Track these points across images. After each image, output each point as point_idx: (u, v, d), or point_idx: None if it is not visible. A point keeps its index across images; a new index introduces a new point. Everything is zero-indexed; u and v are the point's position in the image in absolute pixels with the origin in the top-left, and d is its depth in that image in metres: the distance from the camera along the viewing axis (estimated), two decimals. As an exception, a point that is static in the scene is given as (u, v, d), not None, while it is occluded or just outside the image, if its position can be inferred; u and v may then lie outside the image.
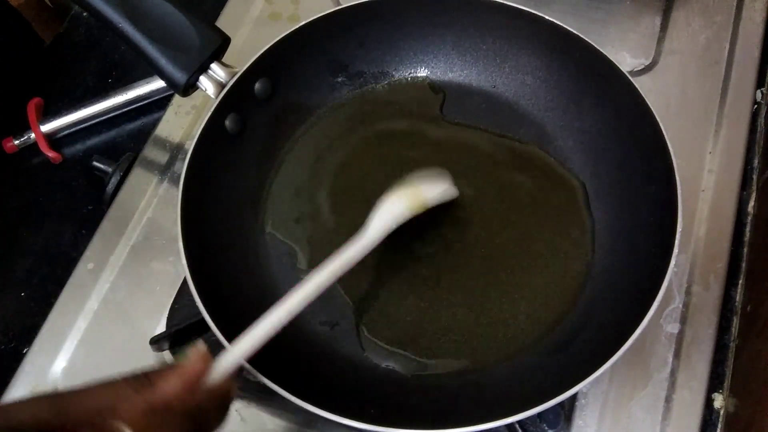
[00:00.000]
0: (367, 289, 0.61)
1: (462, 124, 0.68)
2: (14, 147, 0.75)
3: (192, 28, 0.59)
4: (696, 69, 0.73)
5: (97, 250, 0.66)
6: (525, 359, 0.57)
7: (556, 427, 0.55)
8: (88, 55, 0.82)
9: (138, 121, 0.76)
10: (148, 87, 0.75)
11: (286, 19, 0.80)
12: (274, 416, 0.58)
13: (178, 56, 0.58)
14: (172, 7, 0.58)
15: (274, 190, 0.65)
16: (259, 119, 0.65)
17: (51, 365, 0.61)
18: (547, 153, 0.66)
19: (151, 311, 0.63)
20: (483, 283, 0.60)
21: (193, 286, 0.53)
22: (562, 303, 0.59)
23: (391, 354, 0.58)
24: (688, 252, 0.63)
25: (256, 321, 0.46)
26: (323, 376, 0.57)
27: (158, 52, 0.58)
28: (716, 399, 0.59)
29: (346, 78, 0.69)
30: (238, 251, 0.61)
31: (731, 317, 0.62)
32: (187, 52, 0.59)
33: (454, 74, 0.70)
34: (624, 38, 0.75)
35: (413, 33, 0.68)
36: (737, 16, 0.76)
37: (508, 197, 0.64)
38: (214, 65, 0.60)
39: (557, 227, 0.62)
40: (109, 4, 0.57)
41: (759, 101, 0.72)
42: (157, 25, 0.58)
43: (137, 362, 0.60)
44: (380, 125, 0.68)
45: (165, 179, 0.70)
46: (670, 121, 0.58)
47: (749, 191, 0.67)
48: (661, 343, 0.60)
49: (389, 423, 0.48)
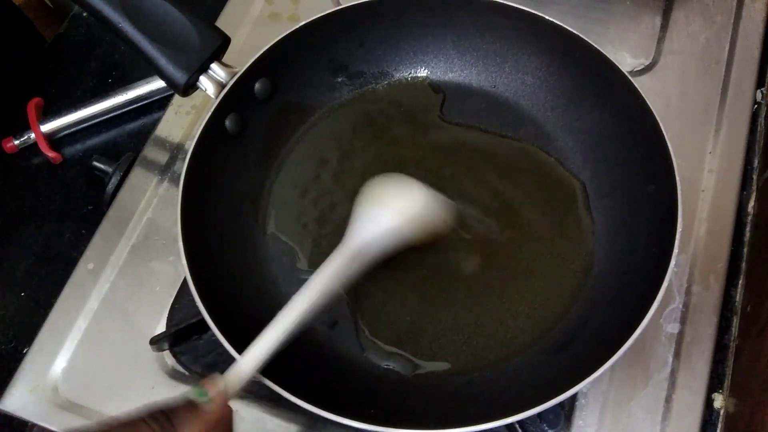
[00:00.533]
0: (367, 289, 0.61)
1: (462, 124, 0.68)
2: (14, 147, 0.75)
3: (192, 28, 0.59)
4: (696, 69, 0.73)
5: (97, 250, 0.66)
6: (525, 359, 0.57)
7: (556, 427, 0.55)
8: (88, 55, 0.82)
9: (138, 121, 0.76)
10: (148, 87, 0.75)
11: (286, 19, 0.80)
12: (274, 416, 0.58)
13: (178, 56, 0.58)
14: (172, 7, 0.58)
15: (274, 190, 0.66)
16: (259, 119, 0.65)
17: (51, 365, 0.61)
18: (547, 153, 0.66)
19: (151, 311, 0.63)
20: (483, 283, 0.60)
21: (193, 286, 0.53)
22: (562, 303, 0.59)
23: (391, 354, 0.58)
24: (688, 252, 0.63)
25: (263, 330, 0.46)
26: (323, 376, 0.57)
27: (158, 52, 0.58)
28: (716, 399, 0.59)
29: (346, 78, 0.69)
30: (238, 251, 0.61)
31: (731, 317, 0.62)
32: (187, 52, 0.59)
33: (454, 74, 0.70)
34: (624, 38, 0.75)
35: (413, 33, 0.68)
36: (737, 16, 0.76)
37: (508, 198, 0.64)
38: (214, 65, 0.60)
39: (557, 227, 0.62)
40: (109, 4, 0.57)
41: (759, 101, 0.72)
42: (157, 25, 0.58)
43: (137, 362, 0.61)
44: (380, 125, 0.68)
45: (165, 179, 0.70)
46: (670, 121, 0.58)
47: (749, 191, 0.67)
48: (661, 343, 0.60)
49: (389, 423, 0.48)
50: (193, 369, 0.60)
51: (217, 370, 0.59)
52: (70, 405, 0.60)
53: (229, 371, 0.45)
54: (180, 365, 0.61)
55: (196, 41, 0.59)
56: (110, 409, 0.59)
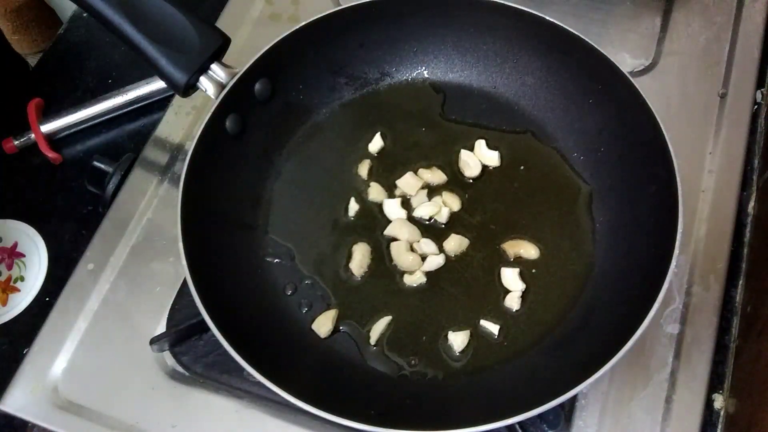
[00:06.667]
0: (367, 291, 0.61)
1: (462, 124, 0.68)
2: (14, 147, 0.75)
3: (192, 29, 0.59)
4: (696, 69, 0.73)
5: (97, 250, 0.66)
6: (525, 360, 0.57)
7: (556, 427, 0.55)
8: (89, 56, 0.82)
9: (138, 122, 0.76)
10: (148, 88, 0.75)
11: (287, 19, 0.80)
12: (274, 416, 0.58)
13: (178, 57, 0.58)
14: (172, 8, 0.58)
15: (274, 191, 0.66)
16: (259, 120, 0.65)
17: (51, 365, 0.61)
18: (548, 154, 0.66)
19: (151, 311, 0.63)
20: (483, 284, 0.60)
21: (193, 286, 0.53)
22: (562, 303, 0.59)
23: (391, 355, 0.58)
24: (688, 252, 0.63)
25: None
26: (323, 377, 0.57)
27: (158, 52, 0.58)
28: (716, 399, 0.59)
29: (346, 78, 0.69)
30: (238, 251, 0.61)
31: (731, 318, 0.62)
32: (187, 53, 0.59)
33: (455, 74, 0.70)
34: (624, 38, 0.75)
35: (413, 33, 0.68)
36: (737, 16, 0.76)
37: (508, 198, 0.64)
38: (215, 66, 0.60)
39: (558, 228, 0.62)
40: (109, 4, 0.57)
41: (759, 101, 0.72)
42: (157, 25, 0.58)
43: (137, 362, 0.61)
44: (381, 126, 0.68)
45: (165, 180, 0.70)
46: (670, 122, 0.58)
47: (749, 192, 0.67)
48: (661, 344, 0.60)
49: (389, 424, 0.48)
50: (193, 369, 0.60)
51: (217, 370, 0.59)
52: (70, 405, 0.60)
53: None
54: (180, 365, 0.61)
55: (197, 42, 0.59)
56: (110, 410, 0.59)
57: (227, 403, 0.59)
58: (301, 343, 0.58)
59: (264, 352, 0.54)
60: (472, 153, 0.66)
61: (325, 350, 0.58)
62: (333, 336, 0.59)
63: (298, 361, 0.57)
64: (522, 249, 0.61)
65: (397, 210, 0.63)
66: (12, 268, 0.69)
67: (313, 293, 0.61)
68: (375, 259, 0.62)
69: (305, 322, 0.59)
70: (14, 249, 0.70)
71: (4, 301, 0.67)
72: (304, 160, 0.67)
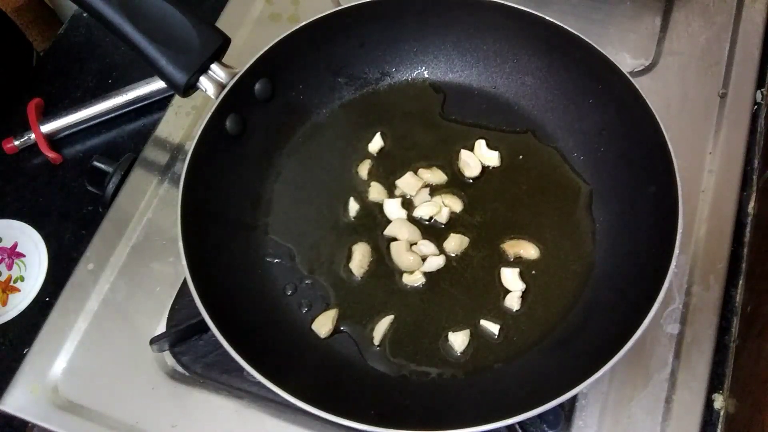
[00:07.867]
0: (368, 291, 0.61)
1: (462, 124, 0.68)
2: (14, 147, 0.75)
3: (192, 29, 0.59)
4: (696, 69, 0.73)
5: (97, 250, 0.66)
6: (525, 360, 0.57)
7: (556, 427, 0.55)
8: (88, 56, 0.82)
9: (138, 122, 0.76)
10: (148, 88, 0.75)
11: (287, 19, 0.80)
12: (274, 416, 0.58)
13: (178, 57, 0.58)
14: (172, 8, 0.58)
15: (274, 191, 0.66)
16: (259, 120, 0.65)
17: (51, 365, 0.61)
18: (548, 154, 0.66)
19: (151, 311, 0.63)
20: (483, 284, 0.60)
21: (193, 286, 0.53)
22: (562, 303, 0.59)
23: (391, 356, 0.58)
24: (688, 252, 0.63)
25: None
26: (323, 377, 0.57)
27: (158, 52, 0.58)
28: (716, 399, 0.59)
29: (346, 78, 0.69)
30: (238, 251, 0.61)
31: (731, 318, 0.62)
32: (187, 53, 0.59)
33: (455, 74, 0.70)
34: (624, 38, 0.75)
35: (413, 33, 0.68)
36: (737, 16, 0.76)
37: (508, 198, 0.64)
38: (215, 66, 0.60)
39: (558, 228, 0.62)
40: (109, 4, 0.57)
41: (759, 101, 0.72)
42: (157, 25, 0.58)
43: (137, 362, 0.61)
44: (381, 126, 0.68)
45: (165, 180, 0.70)
46: (670, 122, 0.58)
47: (749, 192, 0.67)
48: (661, 344, 0.60)
49: (389, 424, 0.48)
50: (193, 369, 0.60)
51: (217, 370, 0.59)
52: (70, 405, 0.60)
53: None
54: (180, 365, 0.61)
55: (197, 42, 0.59)
56: (110, 410, 0.59)
57: (227, 403, 0.59)
58: (301, 343, 0.58)
59: (264, 352, 0.54)
60: (472, 153, 0.66)
61: (325, 350, 0.58)
62: (333, 336, 0.59)
63: (298, 361, 0.57)
64: (522, 249, 0.61)
65: (397, 210, 0.63)
66: (12, 268, 0.69)
67: (313, 293, 0.61)
68: (375, 259, 0.62)
69: (305, 322, 0.59)
70: (14, 249, 0.70)
71: (4, 301, 0.67)
72: (304, 160, 0.67)
